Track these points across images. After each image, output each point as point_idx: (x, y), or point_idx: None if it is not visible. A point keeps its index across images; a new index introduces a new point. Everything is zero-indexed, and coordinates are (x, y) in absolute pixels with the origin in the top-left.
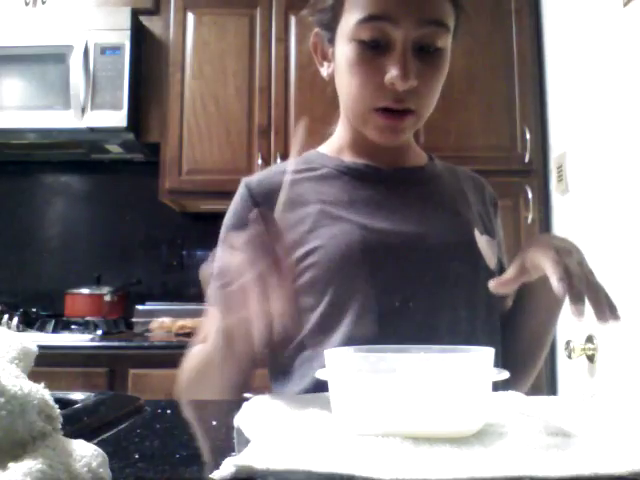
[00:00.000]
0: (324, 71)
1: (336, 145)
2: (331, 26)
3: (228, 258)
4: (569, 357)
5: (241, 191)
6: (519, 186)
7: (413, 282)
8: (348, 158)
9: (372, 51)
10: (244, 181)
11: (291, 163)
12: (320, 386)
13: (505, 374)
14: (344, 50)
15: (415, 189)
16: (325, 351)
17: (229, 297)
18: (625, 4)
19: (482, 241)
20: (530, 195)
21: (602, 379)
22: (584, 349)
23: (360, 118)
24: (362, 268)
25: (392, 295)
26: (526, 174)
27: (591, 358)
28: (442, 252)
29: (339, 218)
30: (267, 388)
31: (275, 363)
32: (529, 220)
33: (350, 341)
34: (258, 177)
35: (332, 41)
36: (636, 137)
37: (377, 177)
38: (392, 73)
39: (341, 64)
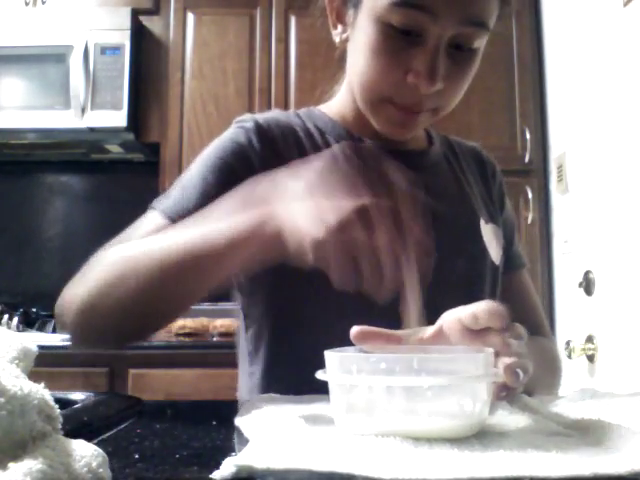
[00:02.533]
0: (336, 35)
1: (340, 113)
2: None
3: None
4: (569, 357)
5: (248, 123)
6: (519, 186)
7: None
8: (353, 130)
9: (400, 38)
10: (248, 115)
11: (294, 115)
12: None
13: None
14: (368, 28)
15: (418, 176)
16: (325, 352)
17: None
18: (625, 4)
19: (487, 231)
20: (530, 195)
21: (602, 379)
22: (584, 349)
23: (370, 107)
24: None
25: (391, 303)
26: (526, 174)
27: (591, 358)
28: (447, 253)
29: None
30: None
31: (256, 357)
32: (529, 220)
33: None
34: (265, 118)
35: (357, 6)
36: (636, 137)
37: (382, 158)
38: (418, 72)
39: (360, 42)
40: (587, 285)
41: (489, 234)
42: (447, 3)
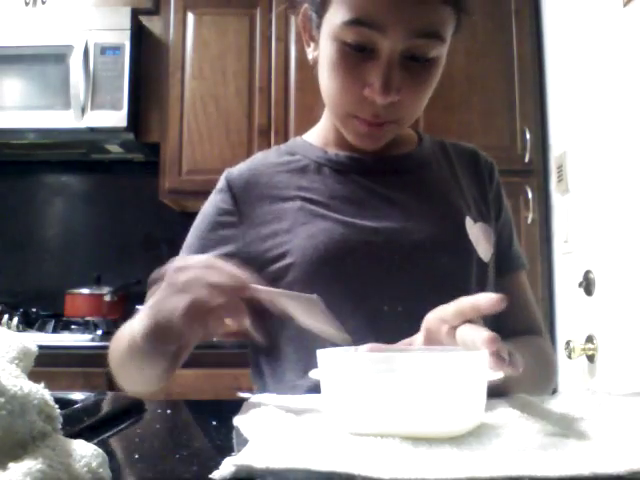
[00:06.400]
0: (309, 53)
1: (321, 134)
2: (319, 12)
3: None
4: (569, 357)
5: (222, 183)
6: (519, 186)
7: (400, 284)
8: (332, 148)
9: (356, 55)
10: (226, 172)
11: (274, 152)
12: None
13: (500, 374)
14: (327, 47)
15: (401, 179)
16: (319, 351)
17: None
18: (625, 4)
19: (476, 230)
20: (530, 195)
21: (602, 379)
22: (584, 349)
23: (339, 120)
24: (343, 269)
25: (378, 299)
26: (526, 174)
27: (591, 358)
28: (430, 248)
29: (319, 215)
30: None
31: (257, 368)
32: (529, 220)
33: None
34: (239, 169)
35: (319, 27)
36: (636, 137)
37: (360, 169)
38: (373, 86)
39: (323, 59)
40: (587, 285)
41: (477, 232)
42: (394, 19)
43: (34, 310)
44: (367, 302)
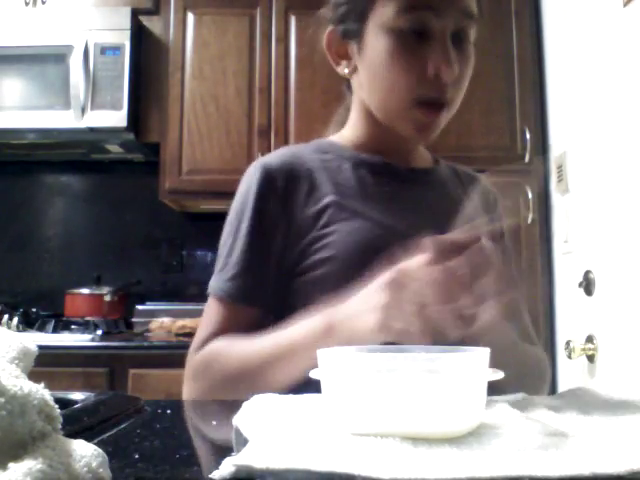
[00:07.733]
0: (343, 69)
1: (350, 139)
2: (361, 17)
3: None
4: (569, 357)
5: (262, 175)
6: (519, 186)
7: None
8: (363, 153)
9: (411, 40)
10: (262, 164)
11: (304, 148)
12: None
13: (500, 374)
14: (381, 41)
15: (428, 191)
16: (319, 351)
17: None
18: (625, 4)
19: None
20: (530, 195)
21: (602, 379)
22: (584, 349)
23: (396, 112)
24: (378, 269)
25: None
26: (526, 174)
27: (591, 358)
28: None
29: (356, 213)
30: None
31: None
32: (529, 220)
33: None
34: (277, 160)
35: (359, 35)
36: (636, 137)
37: (393, 175)
38: (436, 62)
39: (377, 56)
40: (587, 285)
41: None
42: (446, 0)
43: (34, 310)
44: None
